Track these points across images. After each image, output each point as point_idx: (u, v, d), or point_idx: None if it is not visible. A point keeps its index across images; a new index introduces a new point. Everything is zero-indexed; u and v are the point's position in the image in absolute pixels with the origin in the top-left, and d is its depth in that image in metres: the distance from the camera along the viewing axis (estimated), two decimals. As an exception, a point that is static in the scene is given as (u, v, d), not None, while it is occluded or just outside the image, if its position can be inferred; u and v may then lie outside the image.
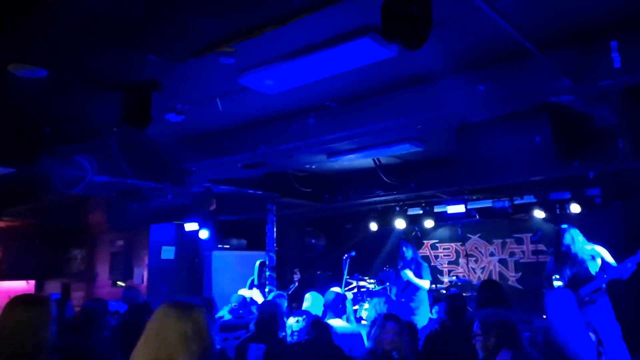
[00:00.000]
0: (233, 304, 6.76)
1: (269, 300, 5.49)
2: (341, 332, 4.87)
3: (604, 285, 5.73)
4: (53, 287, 10.59)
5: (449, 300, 4.94)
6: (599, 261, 5.77)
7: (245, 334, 4.92)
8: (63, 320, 5.04)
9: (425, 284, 7.45)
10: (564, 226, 6.08)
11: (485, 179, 7.24)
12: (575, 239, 5.87)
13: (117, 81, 4.40)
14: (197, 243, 9.72)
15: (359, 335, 5.13)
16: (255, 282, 8.39)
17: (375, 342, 3.99)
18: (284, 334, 4.72)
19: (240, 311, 6.65)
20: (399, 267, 7.72)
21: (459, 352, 3.85)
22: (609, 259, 5.77)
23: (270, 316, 4.47)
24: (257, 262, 8.56)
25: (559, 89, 4.12)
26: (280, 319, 4.86)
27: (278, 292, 7.53)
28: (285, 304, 6.82)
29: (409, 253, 7.72)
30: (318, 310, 5.56)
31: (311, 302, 5.84)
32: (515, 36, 3.38)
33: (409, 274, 7.46)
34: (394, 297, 7.61)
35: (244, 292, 7.77)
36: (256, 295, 7.80)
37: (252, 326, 4.81)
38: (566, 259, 5.85)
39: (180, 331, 1.99)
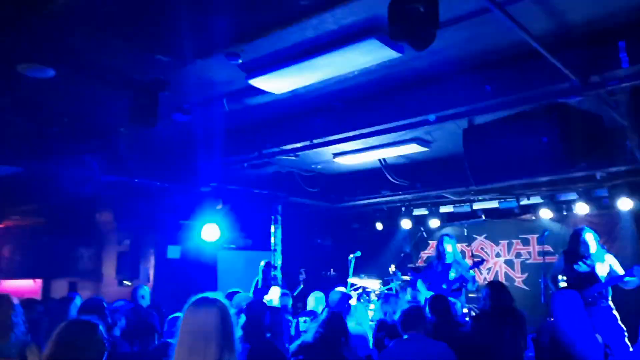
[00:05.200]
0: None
1: (254, 301, 5.50)
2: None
3: (609, 289, 5.74)
4: (60, 286, 10.63)
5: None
6: (606, 267, 5.78)
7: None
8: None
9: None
10: (581, 228, 6.07)
11: (491, 179, 7.20)
12: (592, 242, 5.88)
13: (125, 81, 4.43)
14: (203, 242, 9.73)
15: (364, 336, 5.13)
16: (260, 285, 8.36)
17: None
18: (292, 333, 4.73)
19: None
20: (437, 265, 7.06)
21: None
22: (617, 267, 5.78)
23: (256, 317, 4.48)
24: (262, 263, 8.55)
25: (567, 89, 4.11)
26: (284, 317, 4.88)
27: (283, 290, 7.50)
28: (290, 302, 6.82)
29: (450, 251, 6.93)
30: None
31: (315, 302, 5.89)
32: (523, 36, 3.37)
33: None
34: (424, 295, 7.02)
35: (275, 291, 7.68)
36: (275, 294, 7.71)
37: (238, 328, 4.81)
38: (578, 259, 5.85)
39: (222, 324, 2.09)
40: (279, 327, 4.76)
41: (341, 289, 6.49)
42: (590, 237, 5.90)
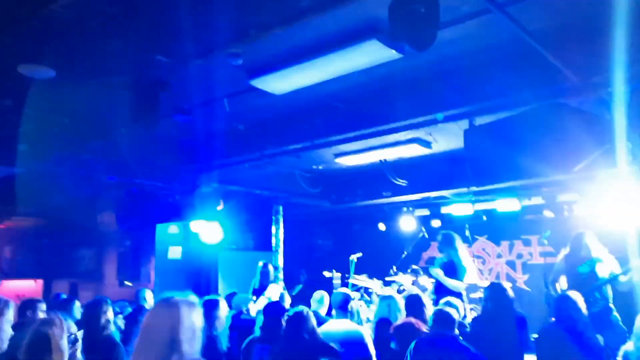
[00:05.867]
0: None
1: (272, 302, 5.50)
2: (345, 334, 4.87)
3: (610, 291, 5.74)
4: (61, 287, 10.65)
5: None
6: (607, 269, 5.78)
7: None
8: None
9: (456, 284, 6.72)
10: (583, 231, 6.07)
11: (493, 180, 7.19)
12: (593, 245, 5.88)
13: (125, 81, 4.43)
14: (203, 243, 9.74)
15: (362, 337, 5.12)
16: (257, 285, 8.34)
17: None
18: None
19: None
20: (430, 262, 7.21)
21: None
22: (617, 270, 5.78)
23: (274, 318, 4.50)
24: (260, 263, 8.52)
25: (568, 89, 4.10)
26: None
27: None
28: (289, 302, 6.82)
29: (443, 250, 6.94)
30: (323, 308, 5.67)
31: (320, 297, 5.93)
32: (524, 36, 3.37)
33: (438, 272, 6.80)
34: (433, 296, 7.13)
35: (274, 289, 7.68)
36: (274, 292, 7.70)
37: (257, 329, 4.83)
38: (579, 262, 5.85)
39: (169, 325, 2.06)
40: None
41: (343, 289, 6.48)
42: (591, 240, 5.91)
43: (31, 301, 4.78)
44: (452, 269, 6.85)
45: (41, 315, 4.46)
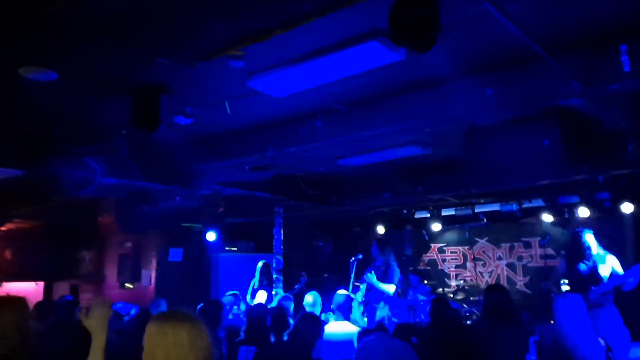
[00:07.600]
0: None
1: (256, 304, 5.54)
2: (346, 335, 4.88)
3: (610, 291, 5.74)
4: (62, 289, 10.65)
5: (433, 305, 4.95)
6: (608, 268, 5.78)
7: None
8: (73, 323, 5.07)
9: (389, 288, 7.14)
10: (581, 230, 6.07)
11: (493, 183, 7.21)
12: (592, 243, 5.89)
13: (126, 84, 4.44)
14: (204, 245, 9.75)
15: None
16: (256, 286, 8.36)
17: None
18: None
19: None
20: (368, 269, 7.45)
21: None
22: (618, 268, 5.78)
23: (258, 320, 4.52)
24: (260, 264, 8.56)
25: (568, 92, 4.11)
26: (286, 319, 4.91)
27: (284, 294, 7.52)
28: (292, 306, 6.83)
29: (378, 255, 7.43)
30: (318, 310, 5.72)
31: (313, 301, 5.94)
32: (524, 39, 3.38)
33: (372, 278, 7.21)
34: (362, 298, 7.40)
35: (261, 295, 7.74)
36: (262, 297, 7.77)
37: (242, 332, 4.85)
38: (580, 262, 5.86)
39: (173, 344, 1.94)
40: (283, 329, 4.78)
41: (344, 291, 6.49)
42: (590, 238, 5.91)
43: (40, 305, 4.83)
44: (389, 274, 7.14)
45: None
